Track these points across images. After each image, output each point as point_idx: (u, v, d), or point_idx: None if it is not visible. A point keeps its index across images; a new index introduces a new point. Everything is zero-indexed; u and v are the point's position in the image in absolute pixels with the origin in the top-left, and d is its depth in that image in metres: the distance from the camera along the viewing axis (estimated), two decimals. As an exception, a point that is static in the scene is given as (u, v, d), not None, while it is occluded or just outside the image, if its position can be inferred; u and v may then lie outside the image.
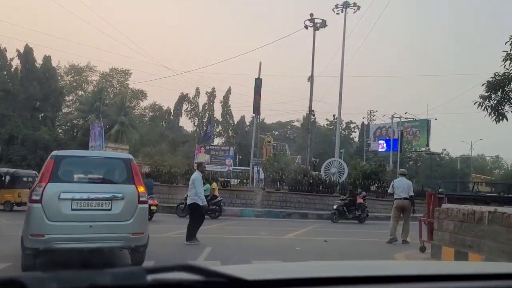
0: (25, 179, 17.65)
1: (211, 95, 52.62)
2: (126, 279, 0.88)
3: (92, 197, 6.12)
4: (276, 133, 63.16)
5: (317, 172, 21.38)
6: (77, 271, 0.91)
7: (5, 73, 39.91)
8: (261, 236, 11.83)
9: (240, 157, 41.81)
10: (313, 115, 27.87)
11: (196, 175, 9.97)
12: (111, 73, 66.01)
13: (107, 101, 57.55)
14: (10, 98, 39.12)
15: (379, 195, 20.14)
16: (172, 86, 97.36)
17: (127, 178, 6.44)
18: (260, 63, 19.15)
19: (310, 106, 27.52)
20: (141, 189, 6.41)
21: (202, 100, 52.94)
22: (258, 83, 18.17)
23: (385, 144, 47.25)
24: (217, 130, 55.14)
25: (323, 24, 26.54)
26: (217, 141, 55.51)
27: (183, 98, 51.67)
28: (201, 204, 9.43)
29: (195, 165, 20.07)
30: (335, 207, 16.38)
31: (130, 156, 6.96)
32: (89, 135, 28.07)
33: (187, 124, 68.58)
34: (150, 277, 0.89)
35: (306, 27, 26.70)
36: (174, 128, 50.39)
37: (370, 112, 59.47)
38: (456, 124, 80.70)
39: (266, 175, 21.52)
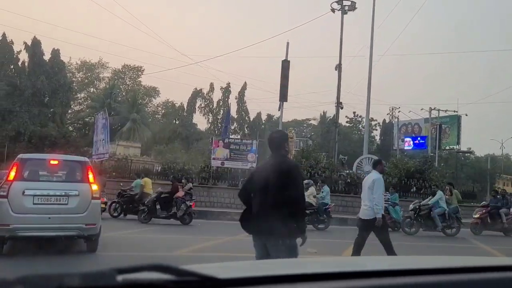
0: None
1: (226, 91, 50.30)
2: (95, 280, 0.86)
3: (51, 194, 7.09)
4: (292, 131, 60.36)
5: (350, 171, 18.78)
6: (45, 273, 0.86)
7: (12, 66, 38.07)
8: (311, 254, 8.61)
9: (257, 155, 39.36)
10: (341, 107, 25.23)
11: (376, 176, 7.10)
12: (123, 70, 64.63)
13: (119, 98, 56.11)
14: (17, 93, 37.29)
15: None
16: (187, 81, 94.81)
17: (82, 177, 7.39)
18: (288, 43, 16.80)
19: (338, 98, 24.99)
20: (95, 187, 7.38)
21: (217, 96, 50.65)
22: (285, 65, 15.68)
23: (412, 142, 44.20)
24: (232, 127, 52.86)
25: (352, 7, 23.89)
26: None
27: (196, 93, 49.44)
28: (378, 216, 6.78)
29: (212, 161, 17.93)
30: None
31: (86, 159, 8.11)
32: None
33: (201, 121, 66.64)
34: (120, 278, 0.87)
35: (333, 10, 24.10)
36: (187, 125, 48.23)
37: (393, 109, 56.48)
38: (482, 122, 76.92)
39: None
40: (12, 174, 7.07)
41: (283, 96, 15.92)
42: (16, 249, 7.38)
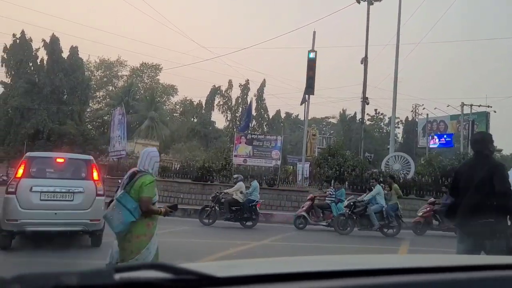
0: None
1: (245, 88, 49.37)
2: (93, 279, 0.86)
3: (58, 190, 7.32)
4: (315, 129, 59.21)
5: (379, 169, 17.61)
6: (42, 271, 0.85)
7: (30, 64, 37.96)
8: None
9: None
10: (367, 103, 23.97)
11: None
12: (142, 68, 64.45)
13: (137, 96, 55.86)
14: (35, 91, 37.20)
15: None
16: (205, 78, 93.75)
17: (87, 175, 7.66)
18: (315, 32, 15.82)
19: (364, 92, 23.76)
20: (99, 184, 7.67)
21: (235, 93, 49.81)
22: (312, 56, 14.62)
23: (437, 140, 42.51)
24: (251, 125, 51.98)
25: (379, -3, 22.60)
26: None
27: (215, 91, 48.67)
28: None
29: (233, 159, 17.02)
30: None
31: (91, 157, 8.23)
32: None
33: (219, 118, 65.94)
34: (117, 276, 0.87)
35: (358, 1, 22.87)
36: (205, 123, 47.51)
37: (416, 106, 54.76)
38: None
39: (313, 172, 18.00)
40: (20, 172, 7.37)
41: (310, 89, 14.87)
42: (24, 244, 7.71)
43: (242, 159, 16.44)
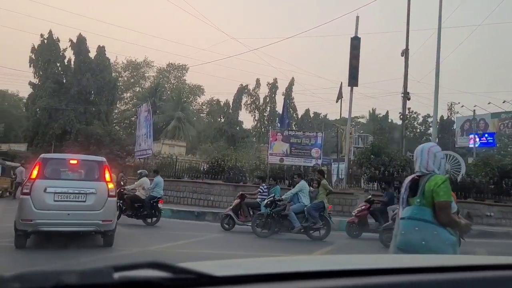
0: None
1: (273, 86, 48.13)
2: (92, 277, 0.86)
3: (71, 191, 7.56)
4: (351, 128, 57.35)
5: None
6: (42, 270, 0.86)
7: (58, 64, 37.73)
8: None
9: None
10: (408, 98, 22.20)
11: None
12: (168, 69, 64.32)
13: (164, 97, 55.60)
14: (63, 91, 36.92)
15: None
16: (233, 76, 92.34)
17: (99, 176, 7.92)
18: (358, 17, 14.14)
19: (405, 87, 22.01)
20: (111, 185, 7.94)
21: (263, 92, 48.63)
22: (355, 43, 13.17)
23: (478, 139, 40.02)
24: (279, 126, 50.67)
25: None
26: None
27: (242, 90, 47.62)
28: None
29: (269, 157, 15.57)
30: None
31: (103, 159, 8.33)
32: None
33: (247, 118, 64.93)
34: (117, 275, 0.87)
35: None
36: (233, 123, 46.52)
37: (451, 104, 52.18)
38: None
39: (349, 172, 16.46)
40: (35, 173, 7.53)
41: (353, 80, 13.37)
42: (38, 243, 7.80)
43: (278, 157, 15.00)
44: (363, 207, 10.92)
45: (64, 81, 37.63)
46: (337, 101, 21.55)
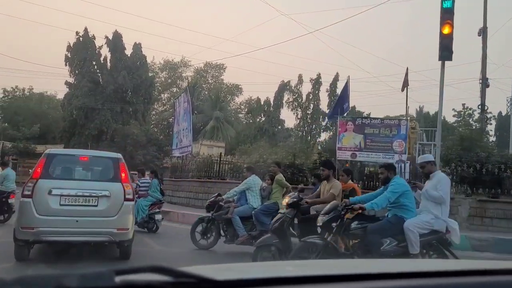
0: None
1: (316, 82, 45.24)
2: (93, 281, 0.86)
3: (80, 194, 6.42)
4: (414, 121, 53.59)
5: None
6: (43, 274, 0.86)
7: (94, 63, 36.48)
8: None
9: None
10: (487, 86, 18.79)
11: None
12: (205, 68, 63.05)
13: (201, 97, 54.24)
14: (99, 90, 35.63)
15: None
16: (273, 71, 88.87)
17: (114, 176, 6.76)
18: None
19: (484, 73, 18.77)
20: (128, 187, 6.73)
21: (306, 89, 45.94)
22: (447, 6, 10.16)
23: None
24: (324, 124, 47.89)
25: None
26: (323, 136, 48.22)
27: (284, 86, 45.01)
28: None
29: (337, 152, 12.40)
30: None
31: (119, 155, 7.19)
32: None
33: (289, 117, 62.31)
34: (118, 279, 0.87)
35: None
36: (274, 122, 44.07)
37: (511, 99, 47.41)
38: None
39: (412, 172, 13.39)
40: (38, 171, 6.53)
41: (445, 53, 10.37)
42: (43, 254, 7.03)
43: (349, 153, 12.00)
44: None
45: (100, 79, 36.38)
46: (402, 90, 18.42)
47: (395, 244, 5.59)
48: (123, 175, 6.79)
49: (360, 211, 5.72)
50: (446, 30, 10.51)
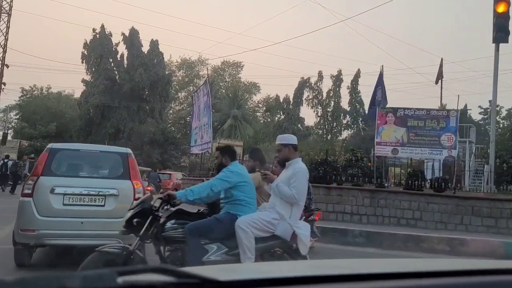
0: None
1: (337, 79, 43.89)
2: (95, 282, 0.86)
3: (85, 192, 5.94)
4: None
5: None
6: (44, 275, 0.86)
7: (110, 60, 35.87)
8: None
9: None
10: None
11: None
12: (223, 66, 62.32)
13: (219, 95, 53.50)
14: (115, 88, 35.00)
15: None
16: (292, 68, 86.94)
17: (123, 173, 6.25)
18: None
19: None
20: (138, 184, 6.24)
21: (326, 85, 44.62)
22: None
23: None
24: (345, 122, 46.54)
25: None
26: (344, 134, 46.86)
27: (303, 83, 43.77)
28: None
29: (375, 148, 10.86)
30: None
31: (128, 150, 6.65)
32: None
33: (309, 114, 60.89)
34: (120, 280, 0.86)
35: None
36: (294, 120, 42.93)
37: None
38: None
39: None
40: (40, 168, 5.92)
41: (500, 34, 9.07)
42: (44, 259, 6.49)
43: (389, 148, 10.73)
44: None
45: (117, 77, 35.77)
46: (436, 82, 17.08)
47: (225, 251, 4.21)
48: (132, 172, 6.22)
49: (173, 202, 4.19)
50: (501, 8, 9.20)
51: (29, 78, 79.59)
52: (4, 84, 27.54)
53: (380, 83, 12.38)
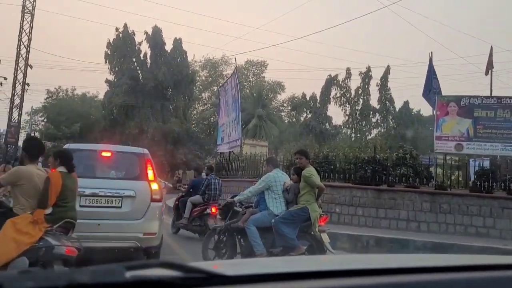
0: None
1: (366, 76, 42.34)
2: (104, 277, 0.88)
3: (101, 194, 5.96)
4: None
5: None
6: (54, 270, 0.88)
7: (134, 59, 35.26)
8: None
9: None
10: None
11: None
12: (247, 66, 61.40)
13: (243, 95, 52.63)
14: (139, 88, 34.33)
15: None
16: (321, 64, 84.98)
17: (140, 174, 6.27)
18: None
19: None
20: (155, 186, 6.20)
21: (355, 83, 43.07)
22: None
23: None
24: (374, 120, 44.89)
25: None
26: (374, 132, 45.20)
27: (331, 81, 42.31)
28: None
29: (435, 144, 9.19)
30: None
31: (145, 151, 6.64)
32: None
33: (337, 113, 59.35)
34: (129, 274, 0.88)
35: None
36: (321, 119, 41.56)
37: None
38: None
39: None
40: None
41: None
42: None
43: (452, 143, 9.17)
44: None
45: (140, 76, 35.13)
46: (486, 74, 15.46)
47: None
48: (149, 173, 6.16)
49: None
50: None
51: (53, 79, 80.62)
52: (28, 84, 27.12)
53: (432, 72, 10.83)
